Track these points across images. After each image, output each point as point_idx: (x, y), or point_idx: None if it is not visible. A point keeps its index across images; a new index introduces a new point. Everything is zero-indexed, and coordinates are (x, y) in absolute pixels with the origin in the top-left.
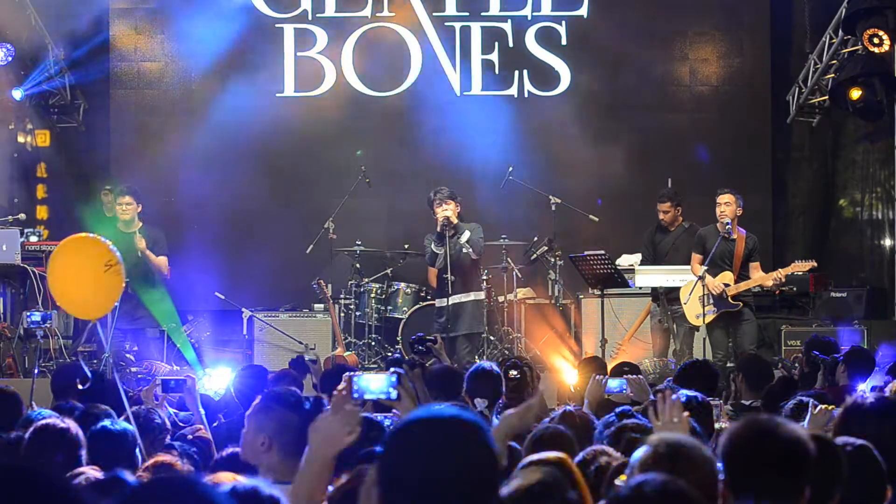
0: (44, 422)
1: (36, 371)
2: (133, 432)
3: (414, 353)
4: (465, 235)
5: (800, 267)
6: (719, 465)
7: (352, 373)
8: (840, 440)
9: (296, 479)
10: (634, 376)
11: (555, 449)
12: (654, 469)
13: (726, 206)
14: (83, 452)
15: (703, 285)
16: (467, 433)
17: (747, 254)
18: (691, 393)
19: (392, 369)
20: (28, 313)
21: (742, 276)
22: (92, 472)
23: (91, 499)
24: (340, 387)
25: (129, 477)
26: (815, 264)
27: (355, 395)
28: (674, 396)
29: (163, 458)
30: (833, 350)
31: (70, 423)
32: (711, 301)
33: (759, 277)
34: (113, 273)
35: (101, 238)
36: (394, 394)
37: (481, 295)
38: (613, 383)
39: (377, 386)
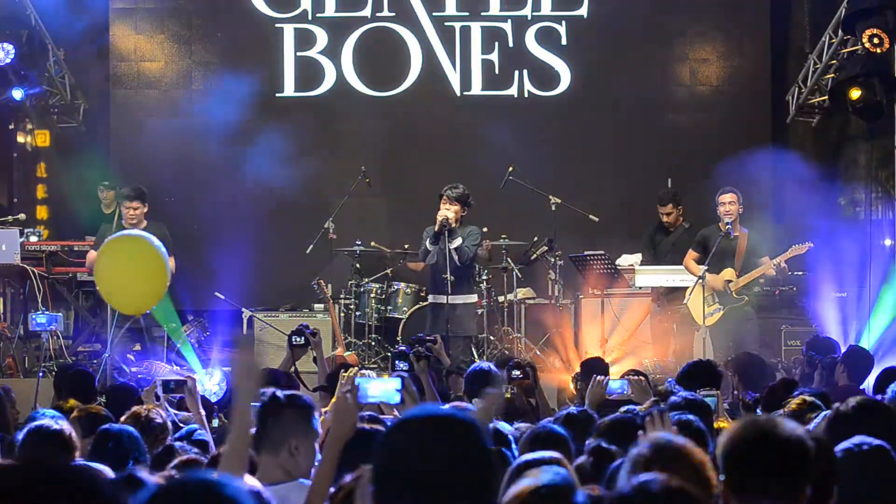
0: (37, 423)
1: (41, 374)
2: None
3: (413, 354)
4: (456, 242)
5: (798, 250)
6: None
7: (355, 375)
8: (856, 440)
9: (317, 472)
10: (636, 377)
11: (550, 449)
12: (647, 468)
13: (730, 204)
14: (77, 454)
15: (703, 286)
16: (461, 432)
17: (750, 250)
18: (689, 394)
19: (396, 372)
20: (33, 315)
21: (746, 272)
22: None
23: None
24: (345, 389)
25: (147, 476)
26: (812, 245)
27: (363, 401)
28: (673, 398)
29: (190, 456)
30: (833, 350)
31: (64, 425)
32: (717, 300)
33: (762, 268)
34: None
35: (151, 238)
36: (397, 398)
37: (472, 298)
38: (615, 384)
39: (381, 389)
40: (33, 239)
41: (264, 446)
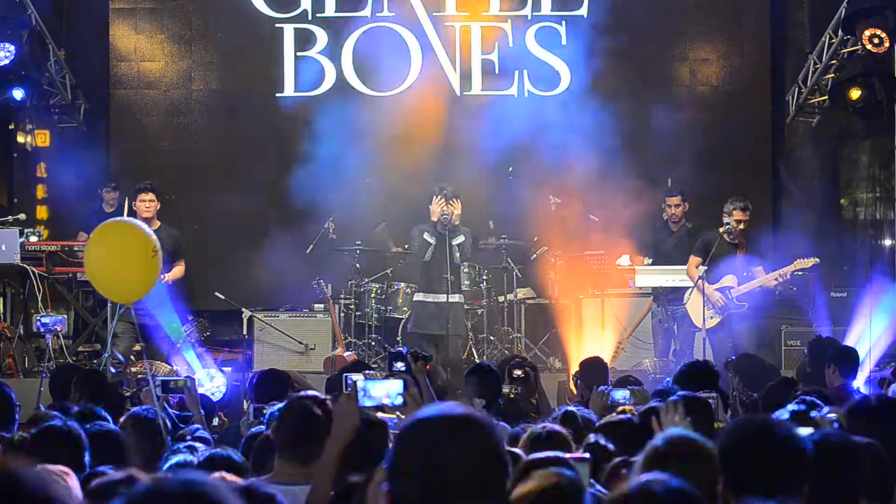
0: (48, 424)
1: (44, 374)
2: (124, 433)
3: (410, 355)
4: (459, 239)
5: (802, 264)
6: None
7: (357, 379)
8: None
9: (317, 473)
10: (638, 387)
11: (553, 449)
12: (660, 463)
13: (745, 222)
14: (87, 454)
15: (703, 289)
16: (476, 431)
17: (748, 258)
18: (689, 394)
19: (397, 374)
20: (38, 316)
21: (745, 279)
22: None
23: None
24: (346, 391)
25: (143, 476)
26: (818, 260)
27: (361, 403)
28: (671, 398)
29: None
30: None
31: (74, 425)
32: (716, 306)
33: (763, 278)
34: (155, 259)
35: (141, 224)
36: (399, 400)
37: (458, 297)
38: (617, 395)
39: (382, 392)
40: (33, 239)
41: (286, 448)
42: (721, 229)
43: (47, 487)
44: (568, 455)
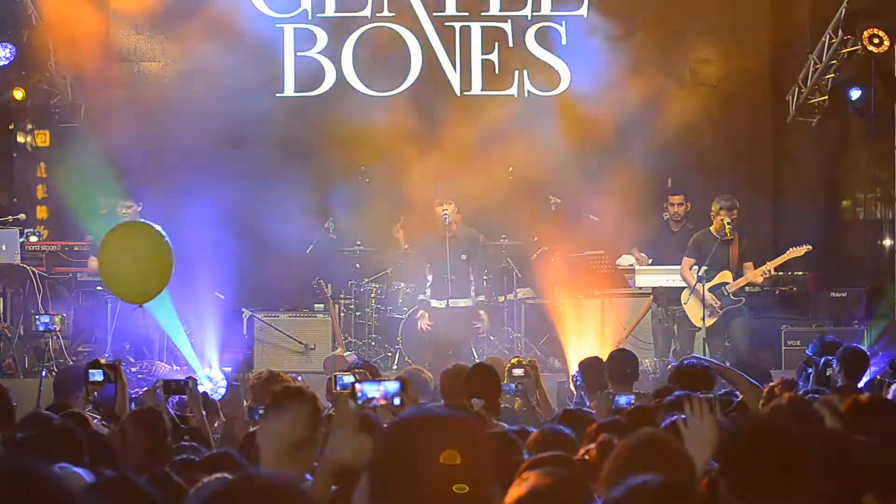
0: (48, 424)
1: (44, 373)
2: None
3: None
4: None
5: (795, 253)
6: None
7: (354, 381)
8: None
9: (316, 475)
10: (644, 392)
11: (557, 449)
12: (630, 463)
13: (734, 220)
14: (86, 455)
15: (703, 291)
16: (458, 431)
17: (741, 254)
18: (686, 394)
19: (395, 376)
20: (36, 316)
21: (739, 275)
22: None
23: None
24: (344, 393)
25: (136, 477)
26: (811, 248)
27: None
28: (669, 397)
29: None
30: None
31: (73, 426)
32: (715, 302)
33: (750, 274)
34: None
35: (154, 225)
36: (396, 401)
37: (469, 302)
38: (622, 399)
39: (378, 394)
40: (33, 239)
41: None
42: (712, 228)
43: (65, 486)
44: (568, 455)
